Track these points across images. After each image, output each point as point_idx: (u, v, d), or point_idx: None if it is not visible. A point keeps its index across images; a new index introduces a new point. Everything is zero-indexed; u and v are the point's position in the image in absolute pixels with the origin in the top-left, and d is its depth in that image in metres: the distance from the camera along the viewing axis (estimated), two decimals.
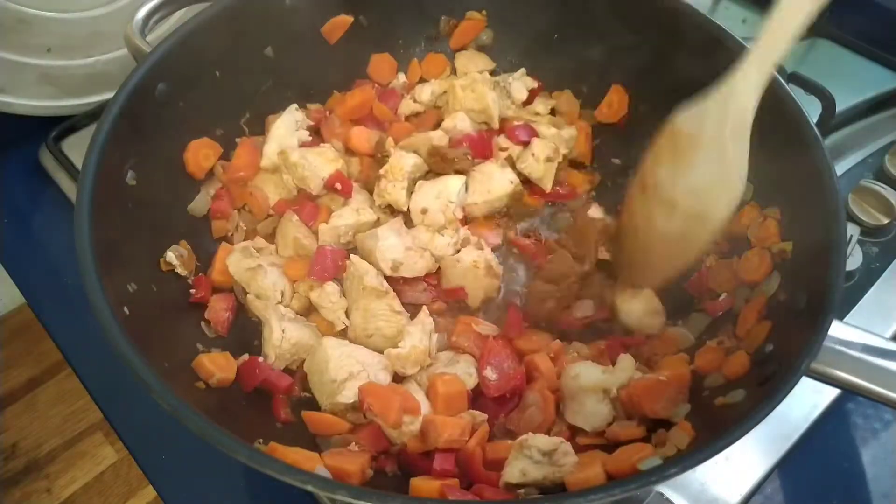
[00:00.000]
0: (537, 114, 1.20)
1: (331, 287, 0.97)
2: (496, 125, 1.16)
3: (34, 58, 1.25)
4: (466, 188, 1.09)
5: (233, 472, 0.96)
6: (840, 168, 1.23)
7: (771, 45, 0.79)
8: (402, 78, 1.24)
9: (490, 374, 0.90)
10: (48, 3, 1.23)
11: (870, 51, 1.40)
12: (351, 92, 1.19)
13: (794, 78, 1.23)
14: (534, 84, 1.20)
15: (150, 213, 0.92)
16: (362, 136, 1.14)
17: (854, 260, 1.10)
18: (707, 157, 0.83)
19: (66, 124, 1.32)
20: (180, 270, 0.94)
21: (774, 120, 0.90)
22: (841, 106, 1.24)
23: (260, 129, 1.12)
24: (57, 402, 2.37)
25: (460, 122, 1.14)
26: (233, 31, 1.02)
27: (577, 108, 1.21)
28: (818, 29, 1.43)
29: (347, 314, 0.97)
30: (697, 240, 0.87)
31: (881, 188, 1.17)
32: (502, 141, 1.15)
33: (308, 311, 1.00)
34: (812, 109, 1.13)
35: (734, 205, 0.84)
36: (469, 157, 1.09)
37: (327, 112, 1.17)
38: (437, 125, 1.21)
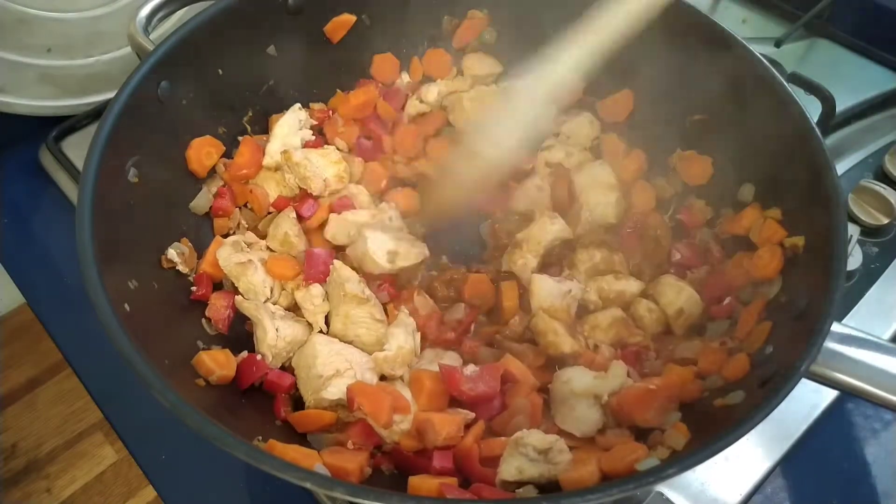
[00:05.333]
0: (539, 116, 1.19)
1: (316, 289, 0.97)
2: None
3: (34, 58, 1.26)
4: None
5: (233, 472, 0.96)
6: (840, 168, 1.23)
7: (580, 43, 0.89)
8: (405, 78, 1.24)
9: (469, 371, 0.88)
10: (48, 3, 1.23)
11: (870, 51, 1.40)
12: (354, 91, 1.19)
13: (794, 78, 1.23)
14: None
15: (151, 211, 0.92)
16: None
17: (854, 260, 1.10)
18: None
19: (66, 124, 1.33)
20: (181, 268, 0.94)
21: (775, 120, 0.91)
22: (841, 106, 1.24)
23: (262, 127, 1.13)
24: (57, 402, 2.37)
25: None
26: (235, 30, 1.02)
27: (581, 89, 1.19)
28: (818, 29, 1.43)
29: (329, 318, 0.97)
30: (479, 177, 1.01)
31: (881, 188, 1.16)
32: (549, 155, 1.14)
33: (295, 307, 1.00)
34: (812, 109, 1.13)
35: (512, 152, 1.00)
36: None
37: (330, 111, 1.18)
38: (442, 126, 1.21)
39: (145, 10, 1.04)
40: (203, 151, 1.02)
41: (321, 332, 0.96)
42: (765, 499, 0.92)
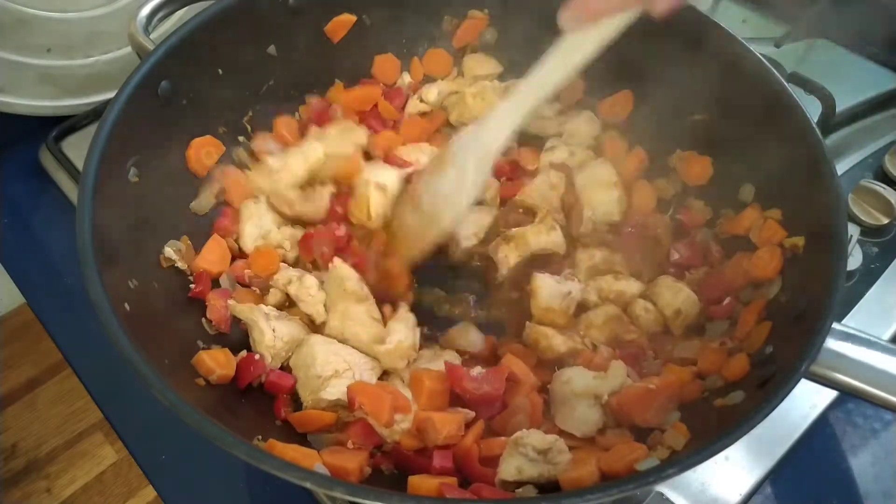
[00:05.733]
0: (543, 117, 1.19)
1: (309, 280, 0.97)
2: None
3: (34, 58, 1.25)
4: None
5: (233, 473, 0.96)
6: (840, 168, 1.22)
7: (529, 91, 0.90)
8: (406, 78, 1.24)
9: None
10: (48, 3, 1.23)
11: (870, 51, 1.40)
12: (356, 88, 1.19)
13: (794, 78, 1.24)
14: None
15: (151, 211, 0.92)
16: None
17: (854, 260, 1.10)
18: (449, 173, 0.96)
19: (66, 124, 1.32)
20: (180, 264, 0.94)
21: (775, 120, 0.91)
22: (841, 106, 1.24)
23: (263, 126, 1.12)
24: (57, 402, 2.37)
25: None
26: (235, 29, 1.02)
27: (581, 89, 1.19)
28: (818, 29, 1.43)
29: (326, 309, 0.97)
30: (429, 234, 0.98)
31: (881, 188, 1.16)
32: None
33: (283, 305, 1.00)
34: (812, 109, 1.13)
35: (457, 218, 0.98)
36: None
37: (329, 104, 1.17)
38: (442, 126, 1.21)
39: (146, 10, 1.04)
40: (203, 151, 1.02)
41: (324, 319, 0.96)
42: (765, 499, 0.92)
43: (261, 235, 1.03)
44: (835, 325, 0.71)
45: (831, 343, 0.70)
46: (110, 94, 0.87)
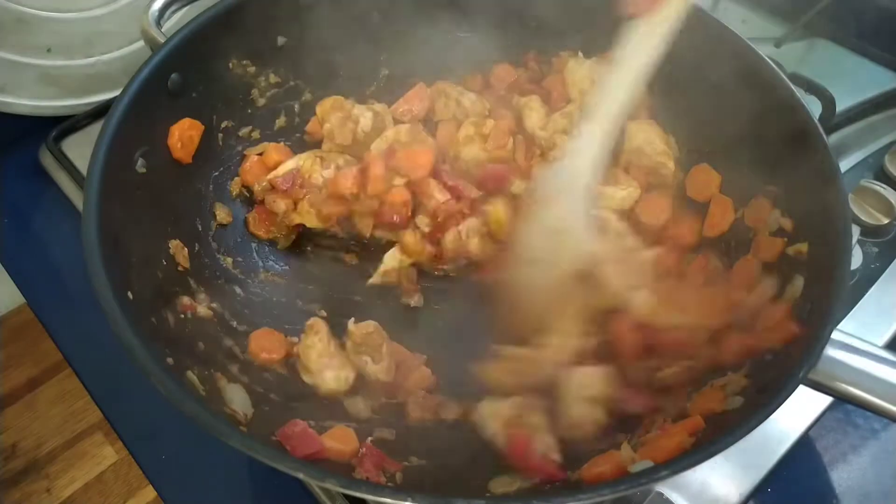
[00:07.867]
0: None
1: None
2: None
3: (34, 58, 1.25)
4: None
5: (233, 473, 0.96)
6: (840, 168, 1.22)
7: (608, 102, 0.86)
8: None
9: None
10: (48, 3, 1.23)
11: (870, 51, 1.40)
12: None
13: (794, 78, 1.23)
14: None
15: (157, 201, 0.92)
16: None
17: (854, 260, 1.09)
18: (550, 211, 0.89)
19: (66, 124, 1.32)
20: (181, 261, 0.94)
21: (778, 123, 0.90)
22: (841, 106, 1.23)
23: (268, 121, 1.12)
24: (57, 402, 2.37)
25: None
26: (245, 23, 1.01)
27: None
28: (818, 29, 1.43)
29: None
30: (550, 284, 0.89)
31: (881, 188, 1.16)
32: None
33: None
34: (812, 109, 1.12)
35: (582, 248, 0.88)
36: None
37: None
38: None
39: (158, 4, 1.04)
40: (185, 136, 0.98)
41: None
42: (765, 498, 0.92)
43: None
44: (835, 332, 0.70)
45: (831, 350, 0.69)
46: (110, 94, 0.88)
